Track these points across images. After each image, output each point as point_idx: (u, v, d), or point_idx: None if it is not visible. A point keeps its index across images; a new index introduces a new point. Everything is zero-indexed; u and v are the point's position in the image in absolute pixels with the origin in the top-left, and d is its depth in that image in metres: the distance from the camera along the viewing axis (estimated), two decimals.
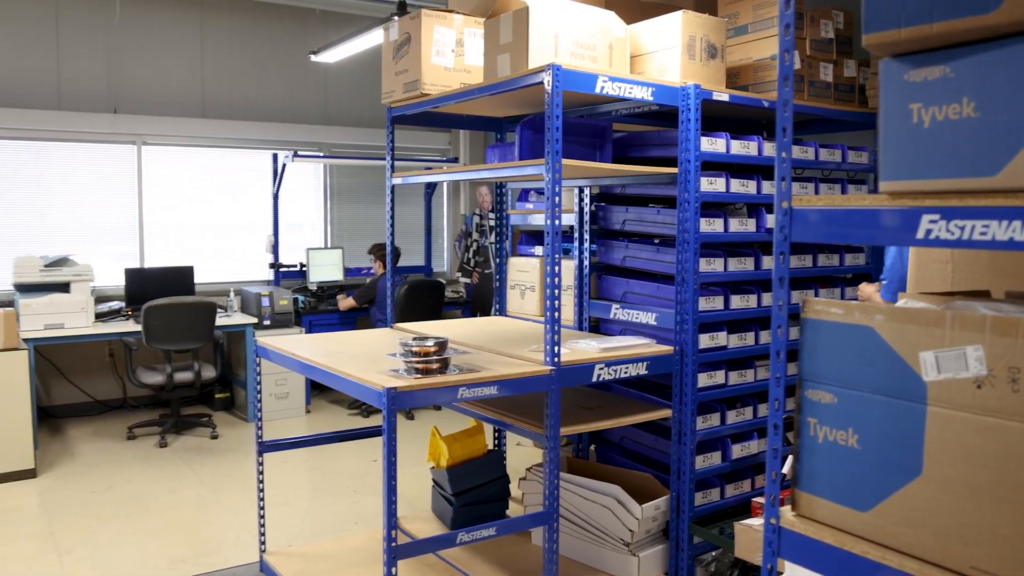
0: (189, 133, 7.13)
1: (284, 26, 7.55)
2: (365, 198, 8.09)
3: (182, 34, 7.12)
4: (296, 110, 7.69)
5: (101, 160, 6.86)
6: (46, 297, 5.77)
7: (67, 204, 6.74)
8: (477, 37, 3.83)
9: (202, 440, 5.99)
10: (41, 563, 3.99)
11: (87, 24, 6.73)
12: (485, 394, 2.83)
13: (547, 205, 2.98)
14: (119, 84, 6.89)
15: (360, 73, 7.84)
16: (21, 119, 6.45)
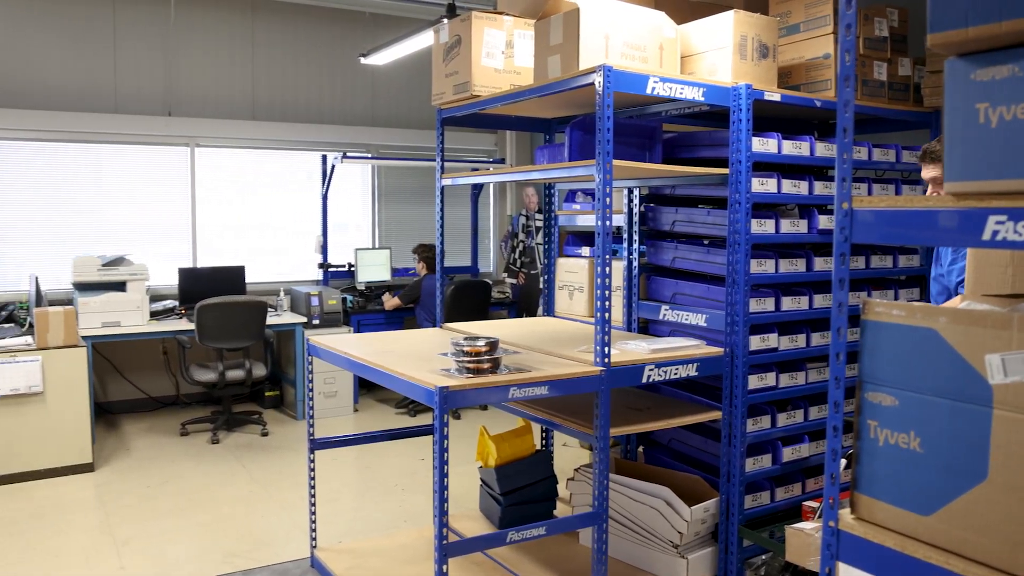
0: (241, 135, 7.25)
1: (333, 29, 7.64)
2: (412, 199, 8.15)
3: (234, 38, 7.25)
4: (345, 112, 7.78)
5: (156, 162, 7.01)
6: (103, 296, 5.91)
7: (123, 205, 6.89)
8: (527, 39, 3.85)
9: (252, 437, 6.09)
10: (99, 555, 4.09)
11: (143, 29, 6.88)
12: (536, 394, 2.85)
13: (598, 206, 2.99)
14: (173, 87, 7.04)
15: (407, 75, 7.91)
16: (80, 122, 6.62)
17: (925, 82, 3.97)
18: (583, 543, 3.87)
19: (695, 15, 3.66)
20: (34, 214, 6.58)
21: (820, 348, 3.75)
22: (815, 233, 3.65)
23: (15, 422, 5.05)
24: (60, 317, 5.16)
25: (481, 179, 4.06)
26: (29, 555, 4.07)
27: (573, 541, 3.91)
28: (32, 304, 5.57)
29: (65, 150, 6.67)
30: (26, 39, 6.47)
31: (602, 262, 3.00)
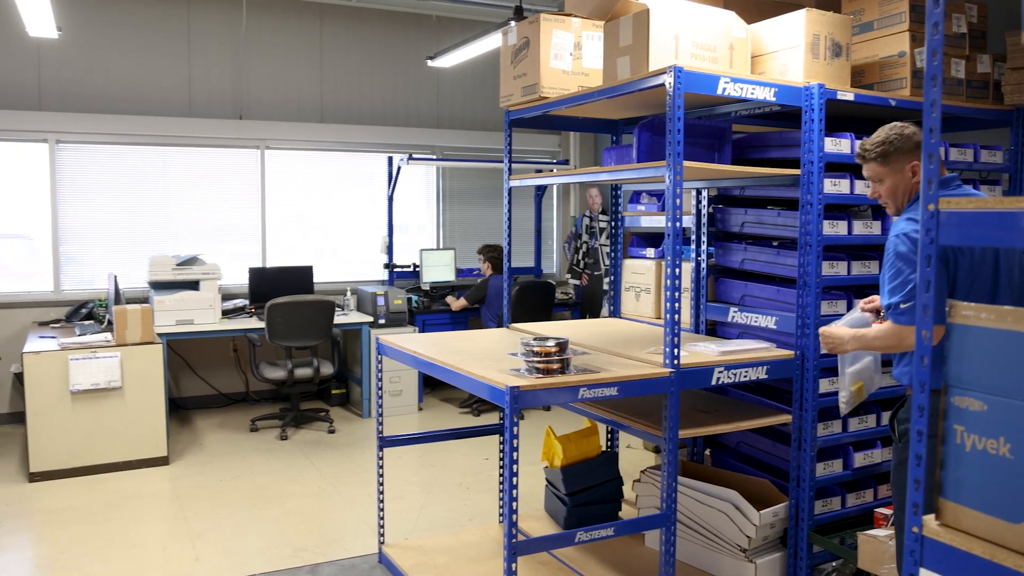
0: (309, 137, 7.38)
1: (399, 32, 7.74)
2: (475, 200, 8.21)
3: (303, 43, 7.39)
4: (410, 114, 7.87)
5: (227, 164, 7.18)
6: (178, 294, 6.08)
7: (195, 206, 7.08)
8: (595, 40, 3.85)
9: (320, 434, 6.20)
10: (175, 545, 4.22)
11: (216, 35, 7.06)
12: (605, 395, 2.85)
13: (668, 208, 2.98)
14: (245, 92, 7.20)
15: (471, 77, 7.97)
16: (155, 126, 6.82)
17: (1005, 79, 3.86)
18: (649, 545, 3.86)
19: (765, 15, 3.63)
20: (111, 215, 6.80)
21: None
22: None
23: (95, 416, 5.23)
24: (138, 315, 5.33)
25: (550, 180, 4.08)
26: (110, 545, 4.21)
27: (639, 543, 3.91)
28: (111, 302, 5.76)
29: (141, 153, 6.88)
30: (106, 47, 6.69)
31: (672, 264, 2.99)
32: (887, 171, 2.69)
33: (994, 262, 2.56)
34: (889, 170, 2.68)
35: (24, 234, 6.60)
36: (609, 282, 7.31)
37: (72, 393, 5.16)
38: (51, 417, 5.14)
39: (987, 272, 2.55)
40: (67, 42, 6.37)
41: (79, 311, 6.39)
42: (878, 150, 2.69)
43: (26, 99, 6.49)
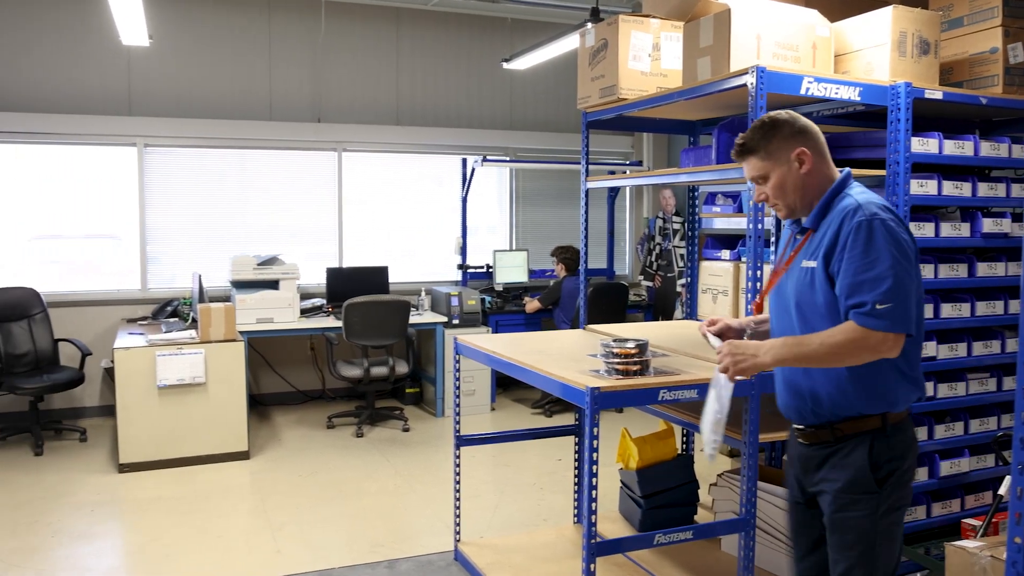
0: (385, 140, 7.50)
1: (473, 35, 7.81)
2: (549, 201, 8.23)
3: (380, 47, 7.51)
4: (484, 116, 7.93)
5: (305, 166, 7.34)
6: (258, 293, 6.25)
7: (275, 207, 7.26)
8: (674, 41, 3.83)
9: (395, 432, 6.30)
10: (256, 538, 4.33)
11: (295, 40, 7.23)
12: (685, 397, 2.84)
13: (750, 209, 2.95)
14: (323, 95, 7.36)
15: (544, 78, 7.99)
16: (237, 129, 7.01)
17: None
18: (726, 550, 3.82)
19: (848, 12, 3.56)
20: (195, 216, 7.01)
21: (981, 358, 3.57)
22: (978, 237, 3.49)
23: (180, 411, 5.41)
24: (221, 313, 5.49)
25: (627, 182, 4.08)
26: (196, 535, 4.35)
27: (715, 547, 3.87)
28: (195, 300, 5.94)
29: (224, 156, 7.08)
30: (192, 53, 6.91)
31: (753, 266, 2.96)
32: (771, 164, 2.32)
33: None
34: (773, 162, 2.32)
35: (112, 234, 6.86)
36: (683, 284, 7.25)
37: (159, 388, 5.34)
38: (139, 411, 5.33)
39: None
40: (155, 49, 6.59)
41: (164, 309, 6.61)
42: (756, 138, 2.34)
43: (117, 105, 6.74)
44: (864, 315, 2.09)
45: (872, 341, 2.09)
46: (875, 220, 2.15)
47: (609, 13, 5.61)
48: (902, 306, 2.09)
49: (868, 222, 2.15)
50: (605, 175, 7.68)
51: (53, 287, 6.52)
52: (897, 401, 2.25)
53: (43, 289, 6.28)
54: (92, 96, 6.67)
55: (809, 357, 2.17)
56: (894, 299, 2.08)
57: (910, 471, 2.29)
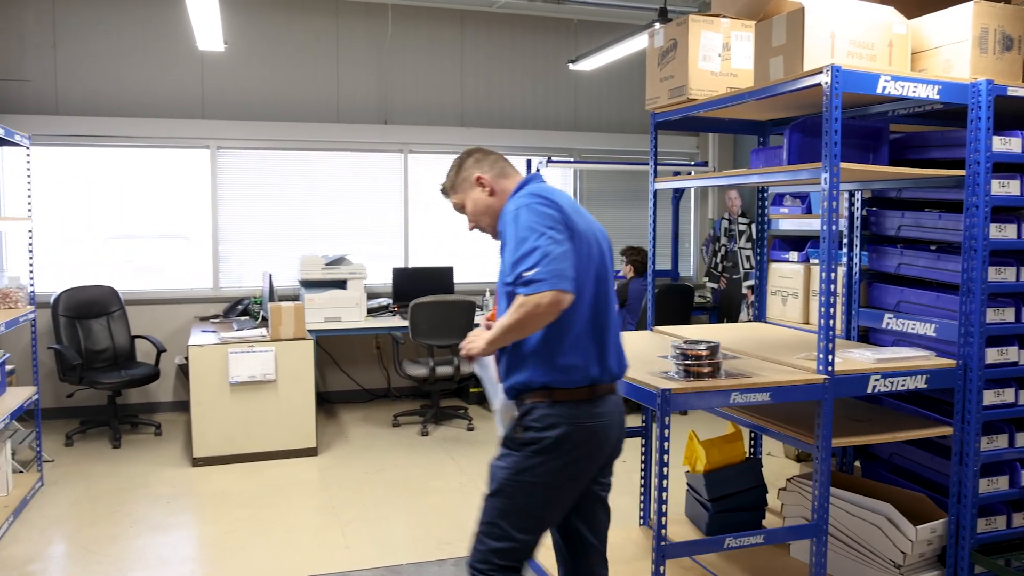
0: (450, 141, 7.56)
1: (538, 36, 7.83)
2: (613, 202, 8.21)
3: (444, 49, 7.58)
4: (548, 117, 7.95)
5: (372, 167, 7.45)
6: (326, 293, 6.36)
7: (342, 207, 7.38)
8: (744, 40, 3.79)
9: (459, 431, 6.35)
10: (325, 533, 4.41)
11: (362, 44, 7.34)
12: (757, 400, 2.81)
13: (823, 211, 2.90)
14: (389, 97, 7.46)
15: (608, 79, 7.97)
16: (306, 132, 7.15)
17: None
18: (795, 556, 3.76)
19: (926, 8, 3.48)
20: (263, 216, 7.17)
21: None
22: None
23: (251, 407, 5.53)
24: (291, 312, 5.61)
25: (696, 183, 4.05)
26: (267, 528, 4.45)
27: (783, 553, 3.81)
28: (266, 299, 6.08)
29: (293, 158, 7.23)
30: (262, 57, 7.07)
31: (827, 268, 2.92)
32: (462, 195, 2.70)
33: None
34: (463, 194, 2.70)
35: (185, 235, 7.05)
36: (748, 286, 7.16)
37: (231, 385, 5.47)
38: (212, 406, 5.47)
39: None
40: (227, 54, 6.75)
41: (235, 307, 6.77)
42: (449, 178, 2.75)
43: (191, 108, 6.93)
44: (523, 286, 2.30)
45: (536, 305, 2.28)
46: (519, 208, 2.42)
47: (677, 13, 5.58)
48: (550, 267, 2.29)
49: (514, 213, 2.43)
50: (670, 176, 7.63)
51: (129, 286, 6.73)
52: (556, 380, 2.43)
53: (120, 288, 6.48)
54: (168, 100, 6.87)
55: (504, 333, 2.38)
56: (542, 263, 2.29)
57: (557, 446, 2.44)
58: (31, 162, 5.20)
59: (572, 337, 2.44)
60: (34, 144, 5.17)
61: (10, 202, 6.55)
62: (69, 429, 6.13)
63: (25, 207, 5.21)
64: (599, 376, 2.50)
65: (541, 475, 2.48)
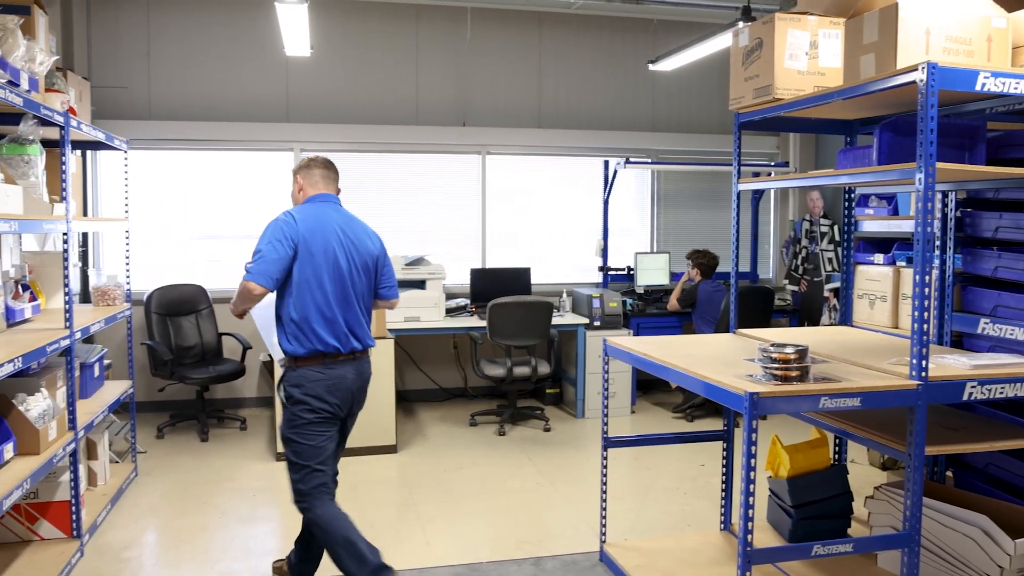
0: (527, 142, 7.60)
1: (615, 37, 7.80)
2: (690, 203, 8.12)
3: (522, 50, 7.62)
4: (626, 117, 7.91)
5: (450, 169, 7.53)
6: (406, 293, 6.43)
7: (420, 208, 7.47)
8: (832, 38, 3.71)
9: (536, 432, 6.37)
10: (406, 529, 4.48)
11: (441, 46, 7.43)
12: (847, 405, 2.75)
13: (918, 212, 2.83)
14: (467, 99, 7.52)
15: (687, 79, 7.89)
16: (386, 134, 7.26)
17: None
18: (882, 566, 3.67)
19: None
20: None
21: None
22: None
23: None
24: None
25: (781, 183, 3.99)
26: None
27: (870, 563, 3.72)
28: None
29: (373, 159, 7.35)
30: (344, 61, 7.22)
31: (921, 271, 2.84)
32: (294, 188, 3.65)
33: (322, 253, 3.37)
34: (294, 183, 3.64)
35: None
36: (830, 289, 7.01)
37: None
38: None
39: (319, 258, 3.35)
40: (311, 58, 6.90)
41: None
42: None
43: (275, 112, 7.12)
44: (245, 272, 3.26)
45: (243, 287, 3.26)
46: (276, 218, 3.39)
47: (760, 12, 5.50)
48: (260, 266, 3.26)
49: (273, 219, 3.39)
50: (750, 177, 7.52)
51: (217, 284, 6.93)
52: (297, 350, 3.32)
53: (208, 286, 6.69)
54: (254, 104, 7.07)
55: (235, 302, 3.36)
56: (257, 262, 3.26)
57: (303, 398, 3.33)
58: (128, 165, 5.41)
59: (310, 322, 3.31)
60: (129, 148, 5.37)
61: (105, 204, 6.82)
62: (160, 422, 6.35)
63: (122, 208, 5.42)
64: (326, 349, 3.34)
65: (300, 419, 3.35)
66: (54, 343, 3.73)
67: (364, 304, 3.51)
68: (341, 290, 3.38)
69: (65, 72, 4.59)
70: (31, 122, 3.78)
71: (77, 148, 4.97)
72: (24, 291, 4.27)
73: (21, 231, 3.48)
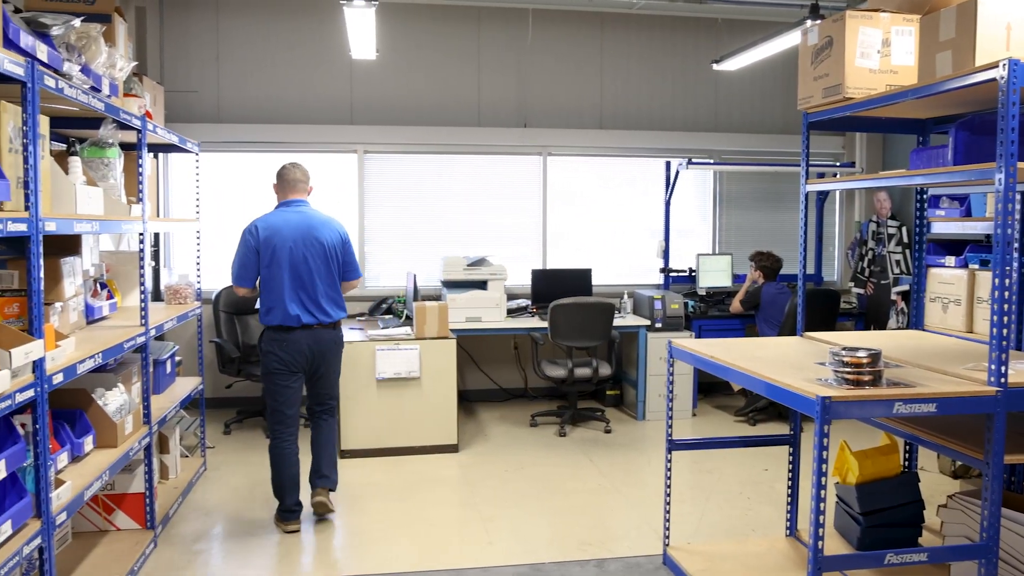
0: (589, 143, 7.59)
1: (677, 36, 7.74)
2: (753, 204, 8.02)
3: (583, 51, 7.61)
4: (688, 118, 7.84)
5: (511, 170, 7.55)
6: (468, 293, 6.49)
7: (481, 209, 7.51)
8: (906, 35, 3.64)
9: (596, 433, 6.36)
10: (468, 528, 4.51)
11: (503, 48, 7.46)
12: (922, 411, 2.69)
13: (999, 213, 2.75)
14: (528, 100, 7.54)
15: (750, 79, 7.79)
16: (448, 135, 7.33)
17: None
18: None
19: None
20: (406, 218, 7.39)
21: None
22: None
23: (396, 403, 5.72)
24: (436, 311, 5.76)
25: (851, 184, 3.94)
26: (412, 521, 4.59)
27: (943, 574, 3.63)
28: (410, 299, 6.26)
29: (435, 161, 7.42)
30: (407, 63, 7.30)
31: (1001, 273, 2.76)
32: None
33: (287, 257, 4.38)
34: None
35: None
36: (898, 292, 6.85)
37: (378, 381, 5.67)
38: (360, 401, 5.68)
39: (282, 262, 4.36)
40: (375, 61, 6.99)
41: (380, 306, 7.00)
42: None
43: (340, 114, 7.23)
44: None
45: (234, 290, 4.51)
46: (242, 232, 4.42)
47: (829, 10, 5.40)
48: (237, 272, 4.39)
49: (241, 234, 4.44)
50: (815, 177, 7.39)
51: None
52: (269, 321, 4.37)
53: None
54: (319, 107, 7.19)
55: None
56: (235, 270, 4.41)
57: (266, 356, 4.41)
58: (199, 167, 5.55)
59: (272, 300, 4.34)
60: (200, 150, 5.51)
61: (175, 204, 7.00)
62: (227, 418, 6.50)
63: (193, 209, 5.56)
64: (284, 321, 4.33)
65: (268, 370, 4.43)
66: (131, 340, 3.85)
67: (324, 285, 4.41)
68: (297, 278, 4.33)
69: (141, 77, 4.72)
70: (110, 126, 3.90)
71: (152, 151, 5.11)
72: (102, 289, 4.41)
73: (102, 231, 3.59)
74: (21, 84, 2.76)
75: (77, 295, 3.81)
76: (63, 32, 3.18)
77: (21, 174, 2.79)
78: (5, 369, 2.53)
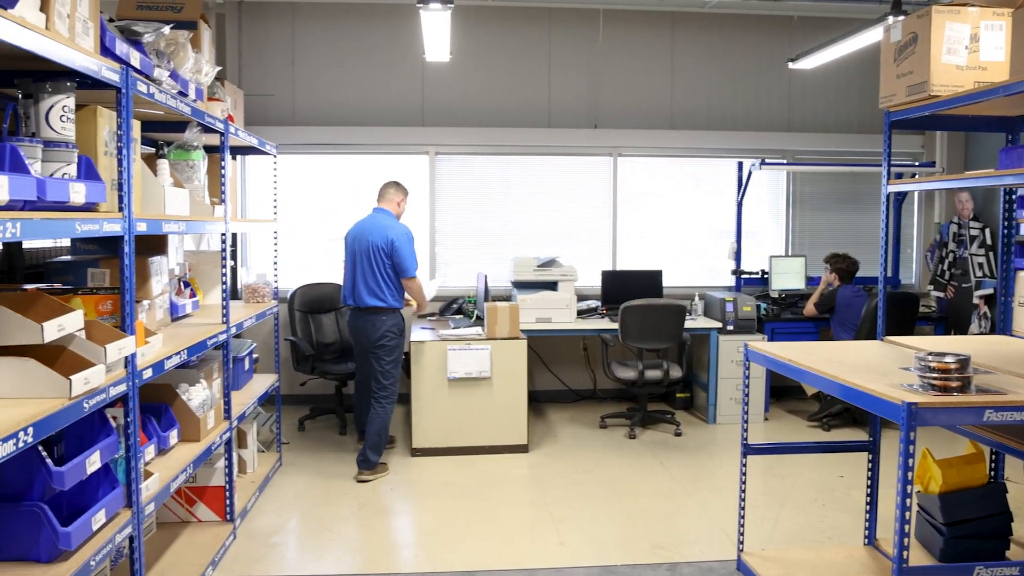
0: (659, 144, 7.53)
1: (750, 35, 7.63)
2: (828, 205, 7.86)
3: (654, 51, 7.56)
4: (760, 118, 7.73)
5: (582, 171, 7.54)
6: (538, 294, 6.51)
7: (551, 210, 7.52)
8: (996, 30, 3.53)
9: (666, 436, 6.31)
10: (539, 529, 4.52)
11: (573, 49, 7.45)
12: (1015, 420, 2.61)
13: None
14: (599, 101, 7.52)
15: (824, 77, 7.63)
16: (518, 137, 7.35)
17: None
18: None
19: None
20: (476, 219, 7.44)
21: None
22: None
23: (467, 402, 5.76)
24: (507, 312, 5.79)
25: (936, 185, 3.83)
26: (482, 521, 4.62)
27: None
28: (480, 299, 6.30)
29: (505, 162, 7.46)
30: (478, 65, 7.35)
31: None
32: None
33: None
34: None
35: None
36: (980, 296, 6.64)
37: (449, 380, 5.72)
38: (431, 400, 5.74)
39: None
40: (447, 63, 7.06)
41: (451, 306, 7.06)
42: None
43: (412, 116, 7.32)
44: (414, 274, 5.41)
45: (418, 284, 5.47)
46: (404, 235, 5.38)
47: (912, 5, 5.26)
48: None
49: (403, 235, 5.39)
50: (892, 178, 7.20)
51: None
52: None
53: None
54: (392, 109, 7.30)
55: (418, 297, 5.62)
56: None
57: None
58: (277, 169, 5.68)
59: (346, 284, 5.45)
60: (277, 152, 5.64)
61: (253, 205, 7.17)
62: (301, 415, 6.63)
63: (271, 210, 5.69)
64: (343, 301, 5.48)
65: None
66: (213, 337, 3.96)
67: (373, 277, 5.25)
68: (353, 268, 5.35)
69: (223, 81, 4.85)
70: (195, 129, 4.02)
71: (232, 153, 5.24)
72: (185, 288, 4.55)
73: (188, 232, 3.70)
74: (116, 90, 2.86)
75: (163, 293, 3.94)
76: (154, 39, 3.30)
77: (115, 176, 2.90)
78: (101, 364, 2.63)
